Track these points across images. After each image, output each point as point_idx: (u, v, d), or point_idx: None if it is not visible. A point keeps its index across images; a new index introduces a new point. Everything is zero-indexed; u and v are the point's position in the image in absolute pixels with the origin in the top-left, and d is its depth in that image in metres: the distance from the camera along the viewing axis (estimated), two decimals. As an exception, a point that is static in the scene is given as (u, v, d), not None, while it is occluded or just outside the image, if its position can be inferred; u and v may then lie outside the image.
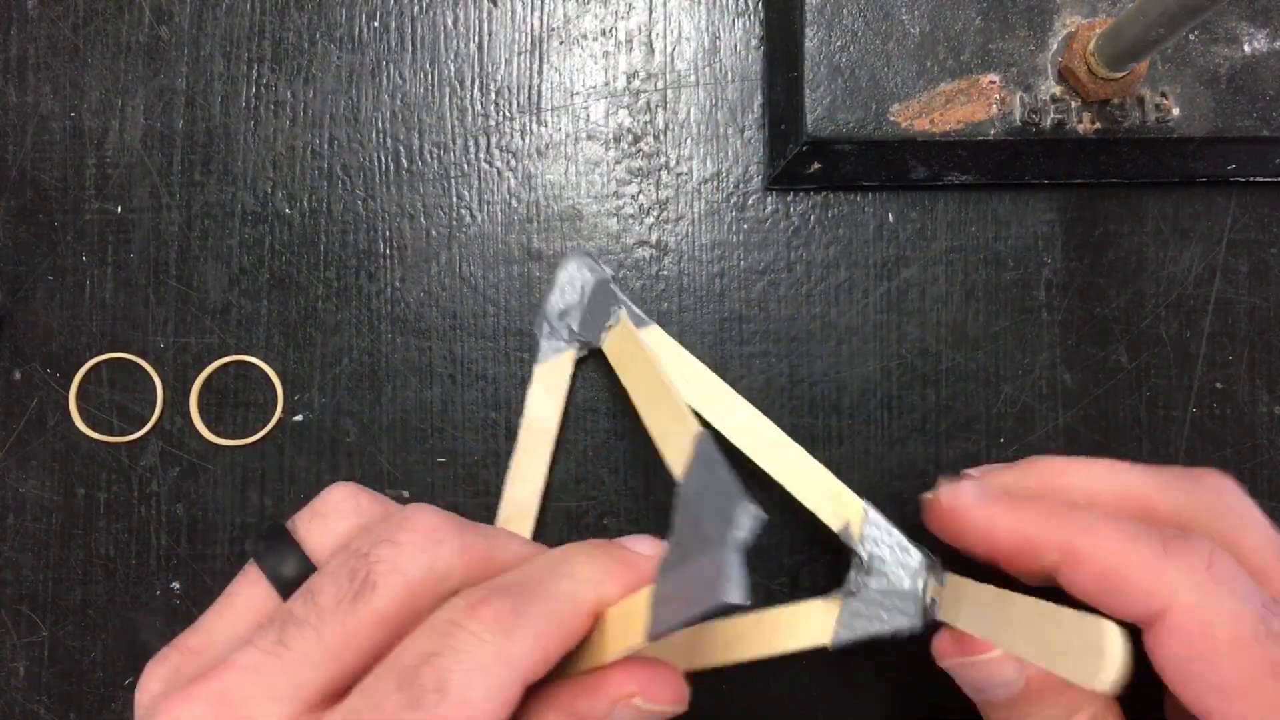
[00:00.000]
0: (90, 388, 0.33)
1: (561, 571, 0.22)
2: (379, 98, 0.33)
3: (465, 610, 0.21)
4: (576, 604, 0.21)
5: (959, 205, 0.33)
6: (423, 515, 0.23)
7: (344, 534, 0.24)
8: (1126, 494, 0.24)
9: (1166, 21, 0.25)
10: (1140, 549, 0.21)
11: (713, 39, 0.33)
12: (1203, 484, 0.23)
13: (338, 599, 0.21)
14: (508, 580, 0.22)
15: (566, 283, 0.32)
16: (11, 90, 0.33)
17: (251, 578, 0.24)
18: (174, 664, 0.23)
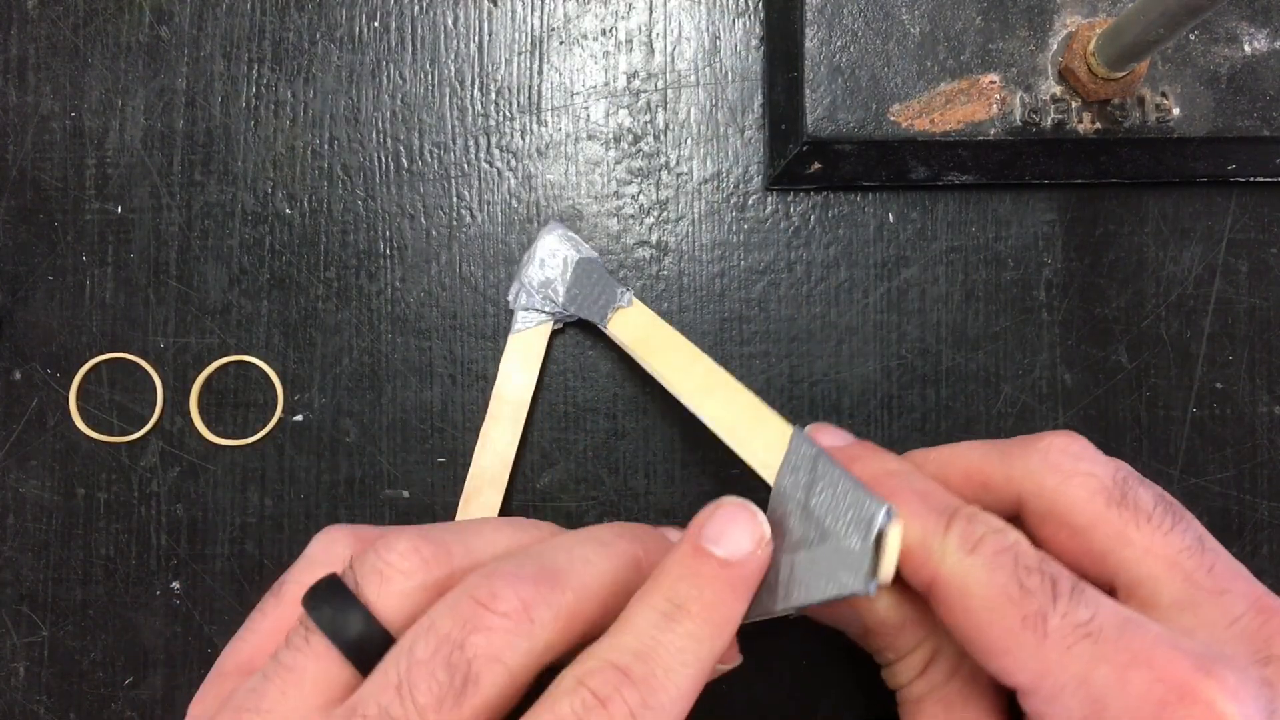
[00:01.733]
0: (90, 388, 0.33)
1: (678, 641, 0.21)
2: (379, 98, 0.33)
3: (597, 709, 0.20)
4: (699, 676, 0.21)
5: (959, 205, 0.33)
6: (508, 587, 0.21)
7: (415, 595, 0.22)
8: (969, 471, 0.25)
9: (1166, 21, 0.25)
10: (923, 524, 0.22)
11: (713, 39, 0.33)
12: (1032, 448, 0.24)
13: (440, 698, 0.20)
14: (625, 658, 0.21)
15: (547, 254, 0.32)
16: (11, 90, 0.33)
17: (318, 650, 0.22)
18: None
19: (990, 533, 0.22)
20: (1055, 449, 0.24)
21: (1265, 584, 0.32)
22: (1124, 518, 0.22)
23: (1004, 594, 0.21)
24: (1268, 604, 0.22)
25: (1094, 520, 0.22)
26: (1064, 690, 0.20)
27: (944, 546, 0.22)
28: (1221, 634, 0.21)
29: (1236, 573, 0.22)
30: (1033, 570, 0.21)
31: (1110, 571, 0.22)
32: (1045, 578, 0.21)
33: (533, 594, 0.21)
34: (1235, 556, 0.32)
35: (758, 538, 0.23)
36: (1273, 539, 0.33)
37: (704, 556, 0.22)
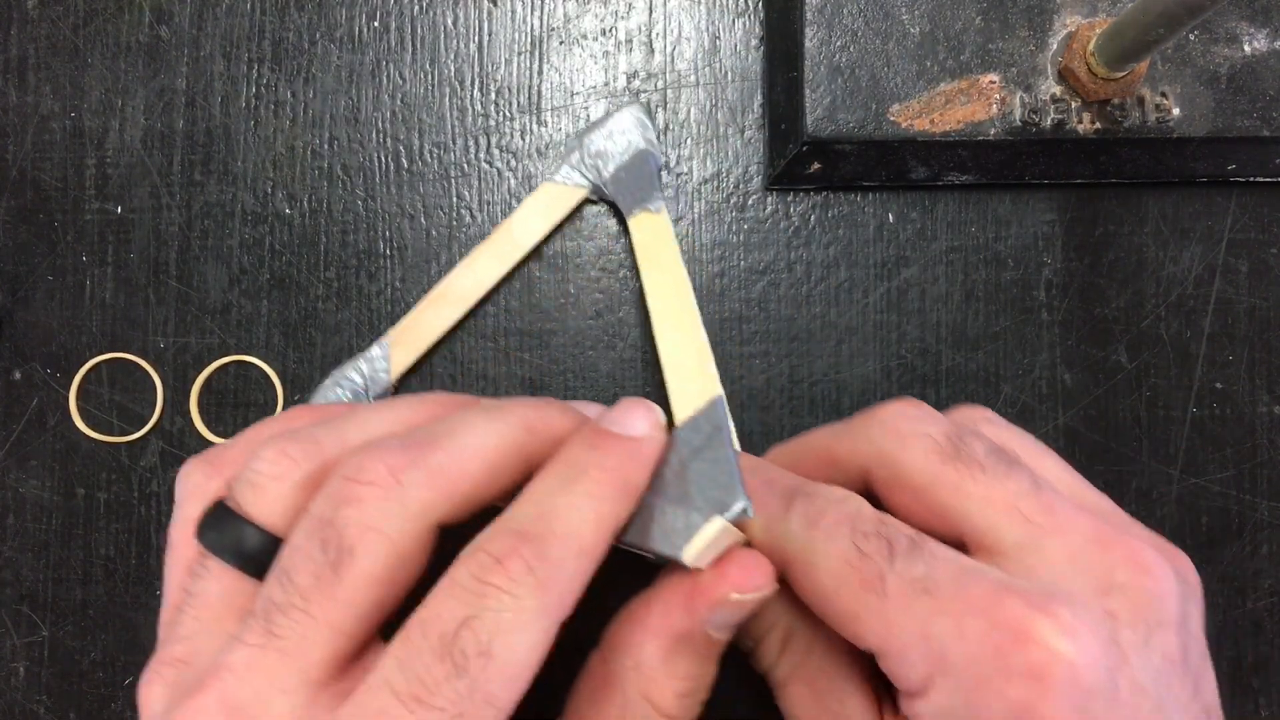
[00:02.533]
0: (90, 388, 0.33)
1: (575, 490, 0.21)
2: (379, 98, 0.33)
3: (494, 567, 0.20)
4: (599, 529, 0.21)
5: (959, 205, 0.33)
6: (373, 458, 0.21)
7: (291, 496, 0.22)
8: (818, 454, 0.25)
9: (1166, 21, 0.25)
10: (767, 510, 0.23)
11: (713, 39, 0.33)
12: (872, 419, 0.24)
13: (316, 574, 0.20)
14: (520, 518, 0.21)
15: (617, 130, 0.32)
16: (11, 90, 0.33)
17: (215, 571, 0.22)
18: (169, 679, 0.22)
19: (829, 504, 0.22)
20: (892, 415, 0.24)
21: (1265, 584, 0.32)
22: (959, 471, 0.23)
23: (844, 561, 0.21)
24: (1106, 534, 0.22)
25: (932, 479, 0.23)
26: (908, 647, 0.20)
27: (787, 527, 0.22)
28: (1064, 569, 0.21)
29: (1078, 510, 0.22)
30: (869, 534, 0.22)
31: (954, 526, 0.23)
32: (881, 540, 0.21)
33: (400, 459, 0.21)
34: (1235, 557, 0.32)
35: (654, 422, 0.23)
36: (1273, 539, 0.33)
37: (604, 433, 0.23)
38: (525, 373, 0.32)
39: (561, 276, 0.33)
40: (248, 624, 0.21)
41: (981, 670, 0.20)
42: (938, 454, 0.23)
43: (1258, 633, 0.32)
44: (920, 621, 0.20)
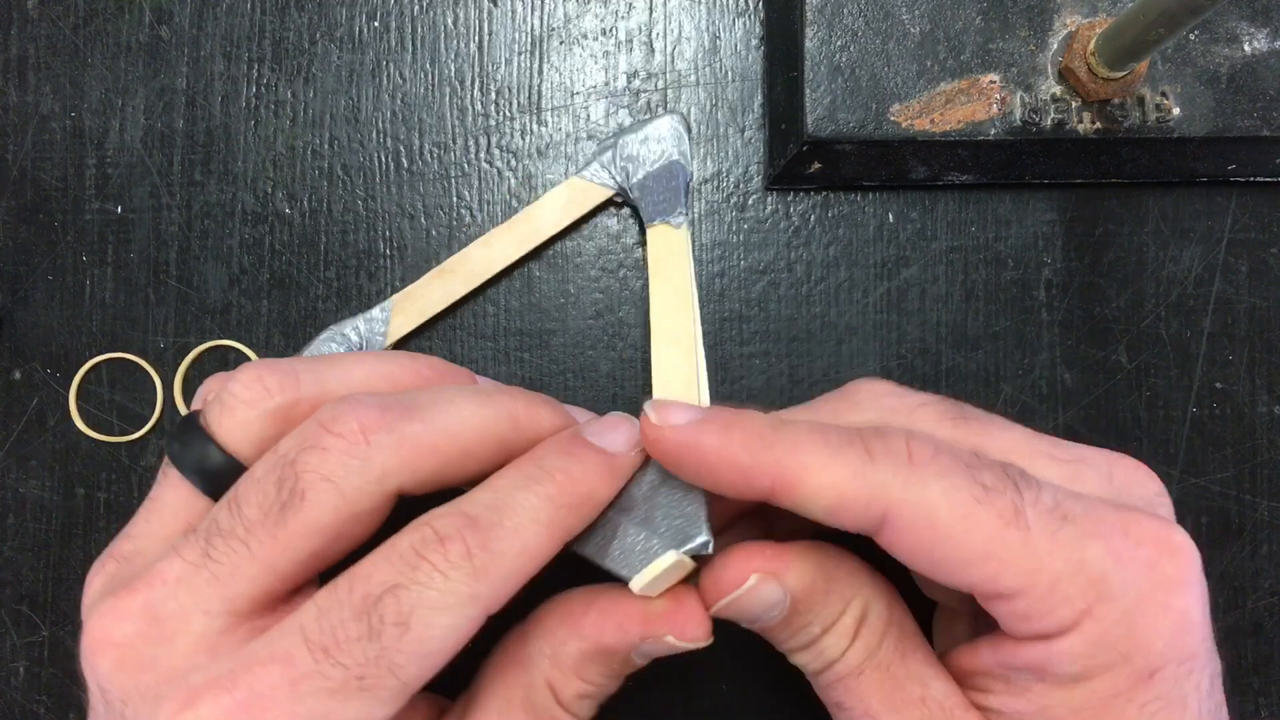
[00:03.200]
0: (90, 388, 0.33)
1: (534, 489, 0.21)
2: (379, 98, 0.33)
3: (434, 544, 0.20)
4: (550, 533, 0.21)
5: (959, 205, 0.33)
6: (349, 412, 0.21)
7: (258, 424, 0.22)
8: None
9: (1166, 21, 0.25)
10: (847, 461, 0.20)
11: (713, 39, 0.33)
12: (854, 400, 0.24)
13: (264, 510, 0.20)
14: (476, 508, 0.21)
15: (653, 137, 0.32)
16: (11, 90, 0.33)
17: (173, 480, 0.23)
18: (110, 571, 0.22)
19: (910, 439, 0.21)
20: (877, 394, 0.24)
21: (1265, 584, 0.32)
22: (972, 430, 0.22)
23: (970, 498, 0.20)
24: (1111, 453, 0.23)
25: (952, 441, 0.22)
26: (1060, 579, 0.19)
27: (880, 472, 0.20)
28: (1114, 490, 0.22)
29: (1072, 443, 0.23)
30: (980, 466, 0.20)
31: None
32: (997, 470, 0.20)
33: (376, 419, 0.21)
34: (1235, 557, 0.32)
35: (633, 441, 0.23)
36: (1273, 539, 0.33)
37: (580, 441, 0.22)
38: (525, 373, 0.32)
39: (561, 276, 0.33)
40: (188, 539, 0.21)
41: (1141, 588, 0.19)
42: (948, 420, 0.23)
43: (1258, 633, 0.32)
44: (1072, 550, 0.19)
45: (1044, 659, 0.20)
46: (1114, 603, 0.19)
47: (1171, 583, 0.20)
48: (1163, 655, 0.19)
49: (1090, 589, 0.19)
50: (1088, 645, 0.19)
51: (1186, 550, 0.20)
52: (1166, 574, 0.20)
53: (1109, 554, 0.19)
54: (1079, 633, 0.19)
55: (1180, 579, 0.20)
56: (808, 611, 0.22)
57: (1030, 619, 0.20)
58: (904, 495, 0.20)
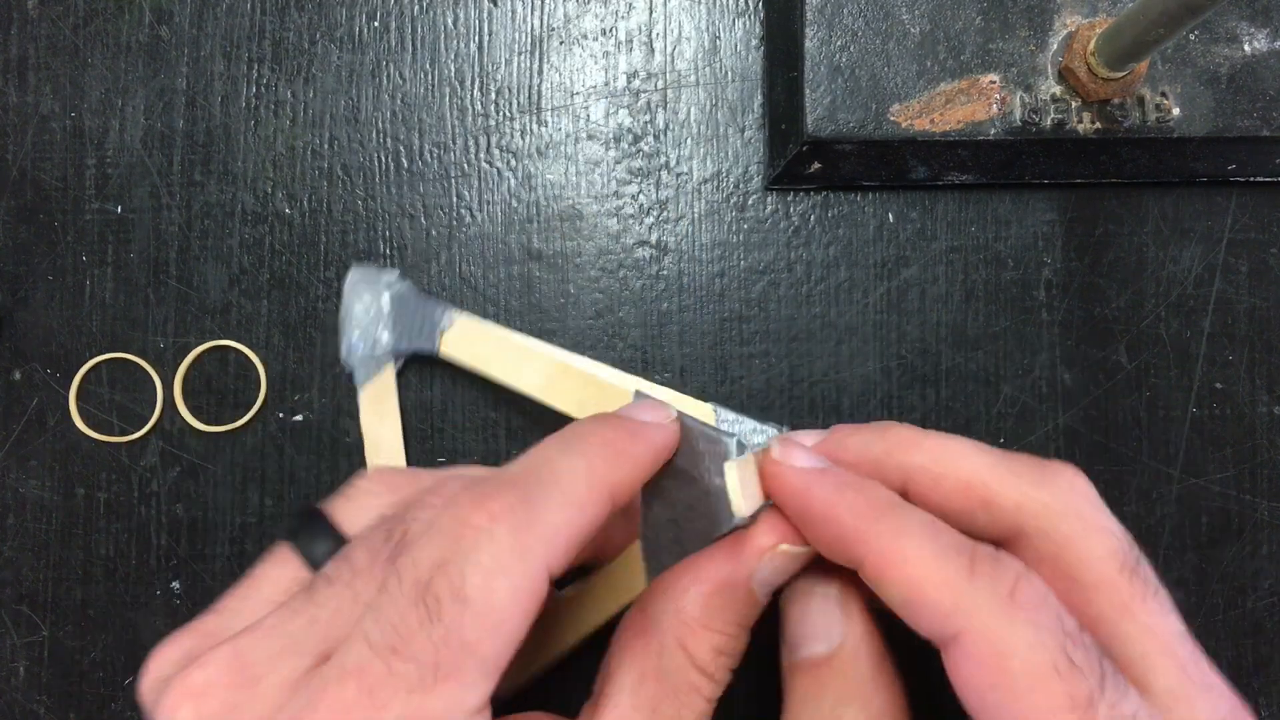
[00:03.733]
0: (90, 388, 0.33)
1: (572, 450, 0.21)
2: (379, 98, 0.33)
3: (472, 507, 0.19)
4: (591, 484, 0.20)
5: (959, 205, 0.33)
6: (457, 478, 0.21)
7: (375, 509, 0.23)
8: (972, 481, 0.22)
9: (1166, 21, 0.25)
10: (945, 567, 0.19)
11: (713, 39, 0.33)
12: (1053, 482, 0.22)
13: (372, 558, 0.20)
14: (513, 469, 0.20)
15: (356, 301, 0.31)
16: (11, 90, 0.33)
17: (280, 558, 0.22)
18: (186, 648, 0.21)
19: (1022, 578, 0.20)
20: (1076, 491, 0.21)
21: (1265, 584, 0.32)
22: (1133, 589, 0.21)
23: (1051, 665, 0.18)
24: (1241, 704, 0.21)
25: (1102, 582, 0.21)
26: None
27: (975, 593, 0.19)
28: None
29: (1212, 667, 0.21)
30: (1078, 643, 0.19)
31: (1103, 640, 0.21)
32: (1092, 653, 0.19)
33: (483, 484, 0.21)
34: (1235, 557, 0.32)
35: (665, 415, 0.23)
36: (1273, 539, 0.33)
37: (610, 415, 0.23)
38: (525, 373, 0.32)
39: (561, 276, 0.33)
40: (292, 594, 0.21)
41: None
42: (1118, 560, 0.21)
43: (1258, 633, 0.32)
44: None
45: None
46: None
47: None
48: None
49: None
50: None
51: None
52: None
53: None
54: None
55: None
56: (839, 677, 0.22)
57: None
58: (986, 625, 0.19)
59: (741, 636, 0.22)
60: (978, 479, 0.22)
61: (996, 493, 0.22)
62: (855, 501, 0.21)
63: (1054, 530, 0.21)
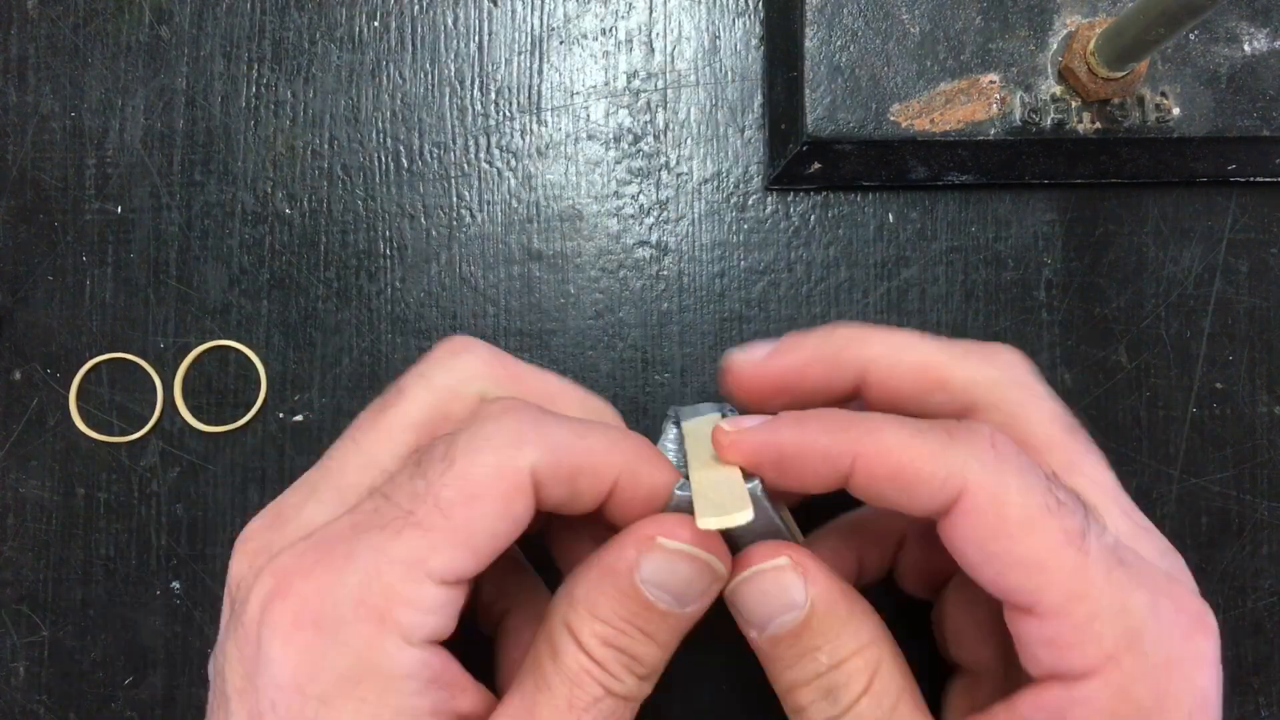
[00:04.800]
0: (90, 388, 0.33)
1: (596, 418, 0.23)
2: (379, 98, 0.33)
3: (492, 403, 0.22)
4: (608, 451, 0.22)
5: (959, 205, 0.33)
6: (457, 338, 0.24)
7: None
8: (925, 364, 0.23)
9: (1166, 21, 0.25)
10: (928, 441, 0.20)
11: (713, 39, 0.33)
12: (995, 358, 0.23)
13: (370, 410, 0.23)
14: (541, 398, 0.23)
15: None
16: (11, 90, 0.33)
17: None
18: None
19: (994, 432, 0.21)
20: (1018, 366, 0.23)
21: (1265, 584, 0.32)
22: (1077, 446, 0.22)
23: (1043, 506, 0.19)
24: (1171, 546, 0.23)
25: (1052, 442, 0.22)
26: (1100, 615, 0.19)
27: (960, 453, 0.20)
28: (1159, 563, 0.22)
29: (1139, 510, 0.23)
30: (1058, 483, 0.20)
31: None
32: (1070, 494, 0.20)
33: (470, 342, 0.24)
34: (1235, 557, 0.32)
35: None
36: (1273, 539, 0.33)
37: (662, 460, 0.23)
38: (525, 373, 0.32)
39: (561, 277, 0.33)
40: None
41: (1173, 653, 0.19)
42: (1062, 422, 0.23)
43: (1258, 633, 0.32)
44: (1120, 593, 0.19)
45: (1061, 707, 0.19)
46: (1143, 658, 0.19)
47: (1201, 658, 0.20)
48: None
49: (1125, 635, 0.19)
50: (1109, 697, 0.19)
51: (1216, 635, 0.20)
52: (1199, 648, 0.20)
53: (1152, 609, 0.19)
54: (1102, 680, 0.19)
55: (1210, 658, 0.20)
56: (821, 632, 0.22)
57: (1056, 647, 0.19)
58: (981, 478, 0.20)
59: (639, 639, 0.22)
60: (932, 361, 0.23)
61: (950, 372, 0.23)
62: (820, 422, 0.22)
63: (1004, 399, 0.23)
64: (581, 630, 0.22)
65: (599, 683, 0.21)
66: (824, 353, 0.24)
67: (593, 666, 0.21)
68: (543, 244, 0.33)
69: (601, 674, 0.21)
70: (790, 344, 0.25)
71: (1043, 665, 0.20)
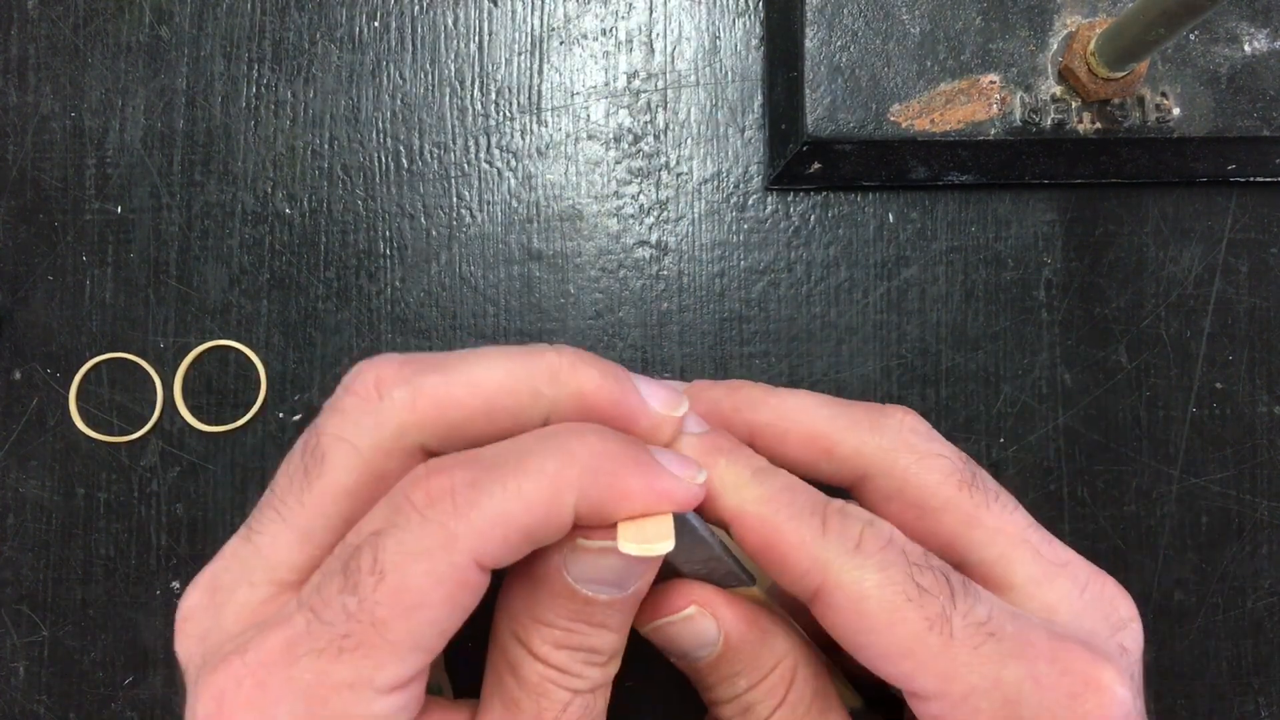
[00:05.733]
0: (90, 388, 0.33)
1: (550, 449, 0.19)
2: (379, 98, 0.33)
3: (419, 482, 0.19)
4: (555, 490, 0.19)
5: (959, 205, 0.33)
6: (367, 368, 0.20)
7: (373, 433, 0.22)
8: (813, 433, 0.23)
9: (1166, 21, 0.25)
10: (800, 529, 0.21)
11: (713, 39, 0.33)
12: (884, 424, 0.23)
13: (291, 478, 0.20)
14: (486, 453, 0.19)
15: None
16: (11, 90, 0.33)
17: None
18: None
19: (867, 527, 0.21)
20: (906, 428, 0.23)
21: (1265, 584, 0.32)
22: (975, 500, 0.22)
23: (902, 595, 0.20)
24: (1098, 569, 0.23)
25: (946, 503, 0.22)
26: (974, 692, 0.20)
27: (827, 549, 0.21)
28: (1078, 606, 0.22)
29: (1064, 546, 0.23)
30: (924, 568, 0.21)
31: (960, 553, 0.22)
32: (938, 575, 0.21)
33: (392, 374, 0.20)
34: (1235, 557, 0.32)
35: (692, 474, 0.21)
36: (1273, 539, 0.33)
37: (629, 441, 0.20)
38: (525, 373, 0.32)
39: (561, 276, 0.33)
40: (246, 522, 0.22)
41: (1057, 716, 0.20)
42: (955, 479, 0.23)
43: (1258, 633, 0.32)
44: (991, 667, 0.20)
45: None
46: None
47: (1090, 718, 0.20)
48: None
49: (1003, 708, 0.20)
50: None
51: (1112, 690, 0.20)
52: (1085, 709, 0.20)
53: (1028, 677, 0.20)
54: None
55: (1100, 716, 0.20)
56: (738, 660, 0.22)
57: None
58: (839, 577, 0.20)
59: (591, 632, 0.21)
60: (818, 431, 0.23)
61: (836, 442, 0.23)
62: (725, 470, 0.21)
63: (893, 467, 0.23)
64: (531, 640, 0.21)
65: (564, 688, 0.21)
66: (721, 410, 0.24)
67: (553, 673, 0.21)
68: (543, 244, 0.33)
69: (563, 678, 0.21)
70: (694, 392, 0.24)
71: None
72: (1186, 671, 0.32)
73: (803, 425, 0.23)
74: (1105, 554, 0.32)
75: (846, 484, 0.24)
